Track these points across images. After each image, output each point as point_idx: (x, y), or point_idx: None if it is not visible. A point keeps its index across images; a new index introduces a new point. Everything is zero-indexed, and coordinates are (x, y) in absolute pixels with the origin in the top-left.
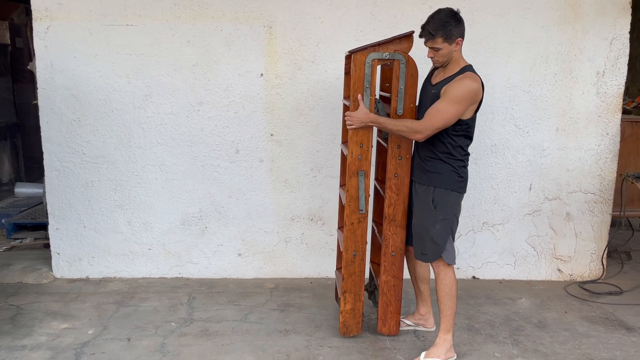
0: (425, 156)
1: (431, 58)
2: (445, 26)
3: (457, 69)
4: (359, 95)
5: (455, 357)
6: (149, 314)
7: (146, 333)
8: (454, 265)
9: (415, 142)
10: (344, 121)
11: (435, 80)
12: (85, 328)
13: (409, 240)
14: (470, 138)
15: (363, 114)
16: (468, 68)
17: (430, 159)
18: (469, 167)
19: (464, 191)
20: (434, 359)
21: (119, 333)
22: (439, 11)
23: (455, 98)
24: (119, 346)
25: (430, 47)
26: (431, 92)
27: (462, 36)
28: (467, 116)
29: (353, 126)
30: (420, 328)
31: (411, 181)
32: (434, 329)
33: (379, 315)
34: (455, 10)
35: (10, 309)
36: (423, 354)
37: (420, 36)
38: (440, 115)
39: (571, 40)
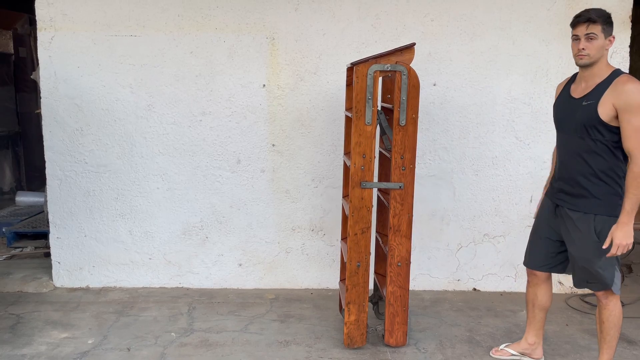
0: (577, 175)
1: (580, 51)
2: (607, 16)
3: (607, 74)
4: None
5: None
6: (149, 324)
7: (146, 343)
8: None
9: (559, 159)
10: (346, 132)
11: (577, 92)
12: (85, 337)
13: (531, 262)
14: None
15: (623, 234)
16: (620, 71)
17: (586, 179)
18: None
19: None
20: None
21: (118, 343)
22: (595, 8)
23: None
24: (119, 356)
25: (585, 35)
26: (582, 105)
27: (613, 37)
28: None
29: (625, 250)
30: (526, 359)
31: (554, 204)
32: None
33: (385, 326)
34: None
35: (10, 317)
36: None
37: (577, 22)
38: None
39: (571, 53)
